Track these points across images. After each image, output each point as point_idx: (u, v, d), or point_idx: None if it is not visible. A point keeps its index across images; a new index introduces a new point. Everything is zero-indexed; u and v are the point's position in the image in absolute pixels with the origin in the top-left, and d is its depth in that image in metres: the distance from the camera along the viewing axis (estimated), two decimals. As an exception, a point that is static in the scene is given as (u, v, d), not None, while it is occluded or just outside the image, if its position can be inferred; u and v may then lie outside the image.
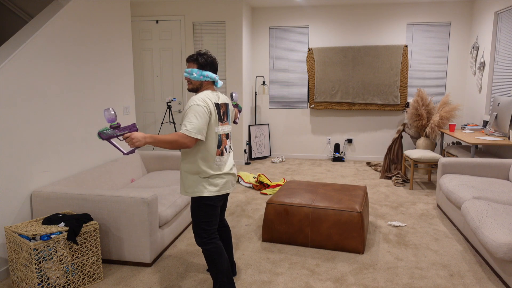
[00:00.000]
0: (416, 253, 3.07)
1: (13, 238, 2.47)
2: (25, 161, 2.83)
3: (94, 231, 2.62)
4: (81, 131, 3.45)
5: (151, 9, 6.17)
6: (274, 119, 6.82)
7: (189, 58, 2.30)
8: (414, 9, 6.16)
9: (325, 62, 6.36)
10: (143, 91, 6.43)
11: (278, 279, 2.68)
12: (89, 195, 2.79)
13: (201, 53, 2.29)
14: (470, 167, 3.92)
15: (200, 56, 2.27)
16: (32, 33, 2.89)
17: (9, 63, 2.68)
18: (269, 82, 6.74)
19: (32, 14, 4.21)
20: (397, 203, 4.28)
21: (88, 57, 3.52)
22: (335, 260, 2.94)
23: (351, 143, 6.63)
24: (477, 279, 2.66)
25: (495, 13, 5.18)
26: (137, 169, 4.10)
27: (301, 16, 6.46)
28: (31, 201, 2.89)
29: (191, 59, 2.30)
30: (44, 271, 2.38)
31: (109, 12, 3.83)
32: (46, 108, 3.02)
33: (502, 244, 2.41)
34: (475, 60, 5.79)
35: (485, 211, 2.83)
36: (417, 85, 6.32)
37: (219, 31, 6.09)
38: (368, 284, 2.61)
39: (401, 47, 6.13)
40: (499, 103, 4.54)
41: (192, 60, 2.29)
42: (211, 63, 2.30)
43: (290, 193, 3.45)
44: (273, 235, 3.26)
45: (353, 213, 3.05)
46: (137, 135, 2.07)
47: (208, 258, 2.28)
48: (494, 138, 4.40)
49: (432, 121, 5.38)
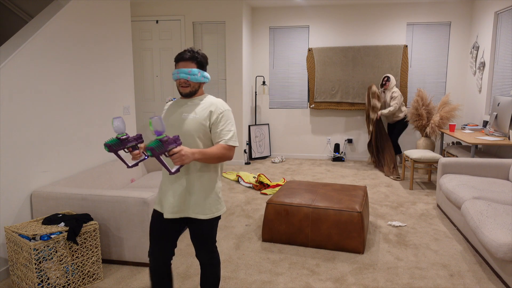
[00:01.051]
0: (416, 253, 3.07)
1: (13, 238, 2.47)
2: (25, 161, 2.83)
3: (94, 231, 2.62)
4: (81, 131, 3.45)
5: (151, 9, 6.17)
6: (274, 119, 6.82)
7: (185, 55, 1.90)
8: (414, 9, 6.16)
9: (325, 62, 6.36)
10: (143, 91, 6.43)
11: (278, 279, 2.68)
12: (89, 195, 2.79)
13: (196, 50, 1.94)
14: (470, 167, 3.92)
15: (198, 54, 1.93)
16: (32, 33, 2.89)
17: (9, 63, 2.68)
18: (269, 82, 6.74)
19: (32, 14, 4.21)
20: (397, 203, 4.28)
21: (88, 57, 3.52)
22: (335, 260, 2.94)
23: (351, 143, 6.63)
24: (477, 279, 2.66)
25: (495, 13, 5.18)
26: (137, 169, 4.10)
27: (301, 16, 6.46)
28: (31, 201, 2.89)
29: (188, 57, 1.90)
30: (44, 271, 2.38)
31: (109, 12, 3.83)
32: (46, 108, 3.02)
33: (502, 244, 2.41)
34: (475, 60, 5.79)
35: (485, 211, 2.83)
36: (417, 85, 6.32)
37: (219, 31, 6.09)
38: (368, 284, 2.61)
39: (401, 47, 6.13)
40: (499, 103, 4.54)
41: (190, 58, 1.90)
42: (207, 63, 2.00)
43: (290, 193, 3.45)
44: (273, 235, 3.26)
45: (353, 213, 3.05)
46: (187, 151, 1.71)
47: (218, 268, 2.11)
48: (494, 138, 4.40)
49: (432, 121, 5.38)
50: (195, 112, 1.91)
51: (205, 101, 1.95)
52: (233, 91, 6.14)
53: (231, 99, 6.17)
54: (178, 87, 1.94)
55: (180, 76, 1.88)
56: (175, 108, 1.98)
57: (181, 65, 1.90)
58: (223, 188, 4.92)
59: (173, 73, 1.92)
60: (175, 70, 1.91)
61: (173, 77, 1.91)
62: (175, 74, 1.90)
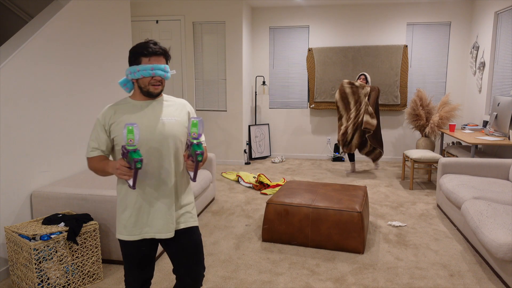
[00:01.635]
0: (416, 253, 3.07)
1: (13, 238, 2.47)
2: (25, 161, 2.83)
3: (94, 231, 2.62)
4: (81, 131, 3.45)
5: (151, 9, 6.17)
6: (274, 119, 6.82)
7: (157, 50, 1.64)
8: (414, 9, 6.16)
9: (325, 62, 6.36)
10: (143, 91, 6.42)
11: (278, 279, 2.68)
12: (89, 195, 2.79)
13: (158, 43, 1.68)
14: (470, 167, 3.92)
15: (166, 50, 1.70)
16: (32, 33, 2.89)
17: (9, 63, 2.68)
18: (269, 82, 6.74)
19: (32, 14, 4.21)
20: (397, 203, 4.28)
21: (88, 57, 3.52)
22: (335, 260, 2.94)
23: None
24: (477, 279, 2.66)
25: (495, 13, 5.18)
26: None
27: (301, 16, 6.46)
28: (31, 201, 2.89)
29: (161, 52, 1.65)
30: (44, 271, 2.38)
31: (109, 12, 3.83)
32: (46, 108, 3.02)
33: (502, 244, 2.41)
34: (475, 60, 5.79)
35: (485, 211, 2.83)
36: (417, 85, 6.32)
37: (219, 31, 6.09)
38: (368, 284, 2.61)
39: (401, 47, 6.13)
40: (499, 103, 4.54)
41: (162, 54, 1.66)
42: None
43: (290, 193, 3.45)
44: (273, 235, 3.26)
45: (353, 213, 3.05)
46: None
47: None
48: (494, 138, 4.40)
49: (432, 121, 5.38)
50: (173, 115, 1.72)
51: (171, 101, 1.77)
52: (233, 91, 6.14)
53: (231, 99, 6.17)
54: (146, 85, 1.65)
55: (157, 73, 1.63)
56: (138, 110, 1.69)
57: (154, 61, 1.63)
58: (223, 188, 4.93)
59: (143, 69, 1.62)
60: (145, 65, 1.62)
61: (144, 74, 1.62)
62: (147, 70, 1.61)
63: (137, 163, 1.48)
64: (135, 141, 1.48)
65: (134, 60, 1.65)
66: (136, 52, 1.64)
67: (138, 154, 1.50)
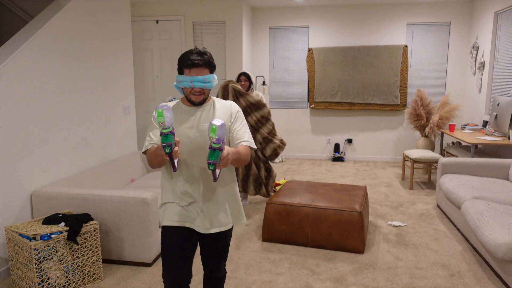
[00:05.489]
0: (416, 253, 3.07)
1: (13, 238, 2.47)
2: (25, 161, 2.83)
3: (94, 231, 2.62)
4: (81, 131, 3.45)
5: (151, 9, 6.17)
6: (274, 119, 6.81)
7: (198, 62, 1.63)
8: (414, 9, 6.16)
9: (325, 62, 6.36)
10: (143, 91, 6.43)
11: (278, 279, 2.68)
12: (89, 195, 2.79)
13: (204, 52, 1.69)
14: (470, 167, 3.92)
15: (210, 57, 1.69)
16: (32, 33, 2.89)
17: (10, 63, 2.68)
18: (269, 82, 6.74)
19: (32, 14, 4.21)
20: (397, 203, 4.29)
21: (88, 57, 3.52)
22: (335, 260, 2.95)
23: (351, 143, 6.63)
24: (477, 279, 2.66)
25: (495, 13, 5.19)
26: (137, 169, 4.10)
27: (301, 16, 6.46)
28: (31, 201, 2.89)
29: (202, 63, 1.64)
30: (45, 271, 2.38)
31: (109, 13, 3.83)
32: (46, 108, 3.02)
33: (502, 244, 2.41)
34: (475, 60, 5.79)
35: (485, 211, 2.84)
36: (417, 85, 6.32)
37: (219, 31, 6.09)
38: (368, 284, 2.61)
39: (401, 47, 6.13)
40: (499, 103, 4.54)
41: (204, 65, 1.65)
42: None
43: (290, 193, 3.45)
44: (273, 235, 3.26)
45: (353, 213, 3.05)
46: (227, 153, 1.51)
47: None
48: (494, 138, 4.41)
49: (432, 121, 5.39)
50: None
51: (218, 105, 1.78)
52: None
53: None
54: (188, 95, 1.70)
55: (195, 85, 1.64)
56: (183, 116, 1.74)
57: (194, 72, 1.64)
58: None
59: (183, 80, 1.65)
60: (185, 77, 1.65)
61: (184, 85, 1.66)
62: (187, 82, 1.65)
63: (165, 147, 1.46)
64: (166, 124, 1.45)
65: (179, 70, 1.70)
66: (180, 62, 1.68)
67: (167, 139, 1.46)
